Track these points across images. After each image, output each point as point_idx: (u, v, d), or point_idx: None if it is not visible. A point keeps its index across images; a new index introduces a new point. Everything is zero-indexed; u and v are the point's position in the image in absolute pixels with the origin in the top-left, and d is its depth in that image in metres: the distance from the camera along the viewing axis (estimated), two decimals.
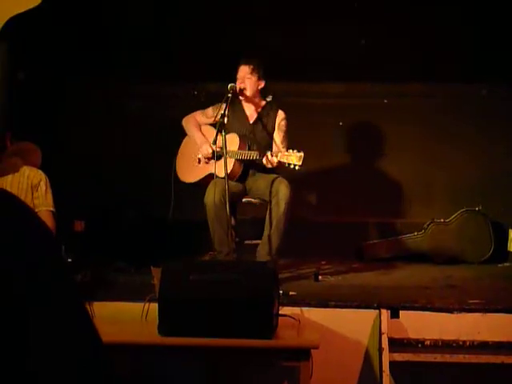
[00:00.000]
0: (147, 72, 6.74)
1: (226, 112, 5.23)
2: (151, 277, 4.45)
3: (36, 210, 4.47)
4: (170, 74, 6.72)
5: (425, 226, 6.60)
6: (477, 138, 6.90)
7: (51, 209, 4.67)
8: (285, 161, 5.01)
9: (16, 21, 5.50)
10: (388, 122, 7.01)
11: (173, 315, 3.95)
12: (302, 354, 4.09)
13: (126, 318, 4.40)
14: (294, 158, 4.96)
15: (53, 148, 6.74)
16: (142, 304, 4.38)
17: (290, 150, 5.07)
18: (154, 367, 4.36)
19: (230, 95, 5.32)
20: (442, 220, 6.58)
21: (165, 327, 3.98)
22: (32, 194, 4.63)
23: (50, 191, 4.70)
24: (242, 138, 5.39)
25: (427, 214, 6.70)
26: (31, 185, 4.64)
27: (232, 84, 5.39)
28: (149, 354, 4.15)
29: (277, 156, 5.06)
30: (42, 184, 4.68)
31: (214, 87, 6.08)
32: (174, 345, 3.99)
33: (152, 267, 4.43)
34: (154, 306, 4.14)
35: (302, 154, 4.95)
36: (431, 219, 6.59)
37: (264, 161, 5.17)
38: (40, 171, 4.79)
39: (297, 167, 4.96)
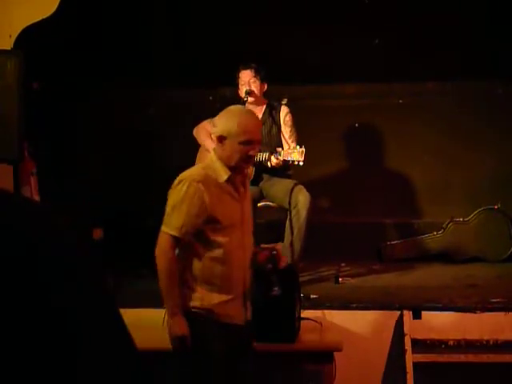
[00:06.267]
0: (163, 79, 6.73)
1: None
2: None
3: None
4: (185, 80, 6.72)
5: (444, 225, 6.55)
6: (493, 136, 6.85)
7: None
8: (288, 158, 5.04)
9: (30, 30, 5.51)
10: (404, 122, 6.98)
11: None
12: (325, 357, 4.08)
13: (148, 325, 4.39)
14: (296, 155, 5.00)
15: (70, 156, 6.77)
16: (163, 310, 4.37)
17: (292, 147, 5.11)
18: (176, 374, 4.34)
19: (247, 99, 5.35)
20: (462, 219, 6.54)
21: None
22: None
23: None
24: None
25: (445, 214, 6.65)
26: None
27: (248, 88, 5.40)
28: (171, 360, 4.14)
29: (280, 155, 5.09)
30: None
31: (229, 92, 6.07)
32: None
33: None
34: None
35: (303, 149, 4.99)
36: (450, 218, 6.55)
37: (268, 164, 5.19)
38: None
39: (300, 163, 4.99)
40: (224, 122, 3.58)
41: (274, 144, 5.45)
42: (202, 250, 3.51)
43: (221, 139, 3.56)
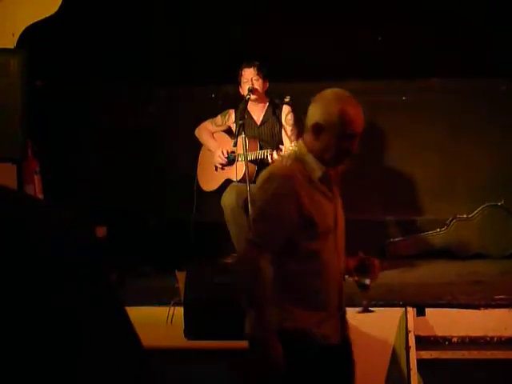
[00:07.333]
0: (163, 78, 6.73)
1: (245, 115, 5.29)
2: (175, 280, 4.45)
3: None
4: (186, 78, 6.72)
5: (447, 222, 6.55)
6: (496, 133, 6.83)
7: None
8: None
9: (34, 29, 5.52)
10: (406, 119, 6.96)
11: (198, 318, 3.96)
12: None
13: (152, 323, 4.39)
14: None
15: (73, 154, 6.77)
16: (167, 308, 4.38)
17: (294, 144, 5.12)
18: (179, 372, 4.35)
19: (249, 97, 5.35)
20: (465, 216, 6.54)
21: (191, 331, 3.98)
22: None
23: None
24: (251, 139, 5.42)
25: (449, 211, 6.65)
26: None
27: (250, 86, 5.41)
28: (175, 358, 4.15)
29: (281, 151, 5.11)
30: None
31: (231, 89, 6.06)
32: (200, 348, 3.99)
33: (176, 271, 4.43)
34: (180, 310, 4.14)
35: None
36: (454, 215, 6.54)
37: (270, 161, 5.20)
38: None
39: None
40: (323, 108, 2.95)
41: (277, 142, 5.47)
42: (296, 262, 2.89)
43: (316, 129, 2.93)
